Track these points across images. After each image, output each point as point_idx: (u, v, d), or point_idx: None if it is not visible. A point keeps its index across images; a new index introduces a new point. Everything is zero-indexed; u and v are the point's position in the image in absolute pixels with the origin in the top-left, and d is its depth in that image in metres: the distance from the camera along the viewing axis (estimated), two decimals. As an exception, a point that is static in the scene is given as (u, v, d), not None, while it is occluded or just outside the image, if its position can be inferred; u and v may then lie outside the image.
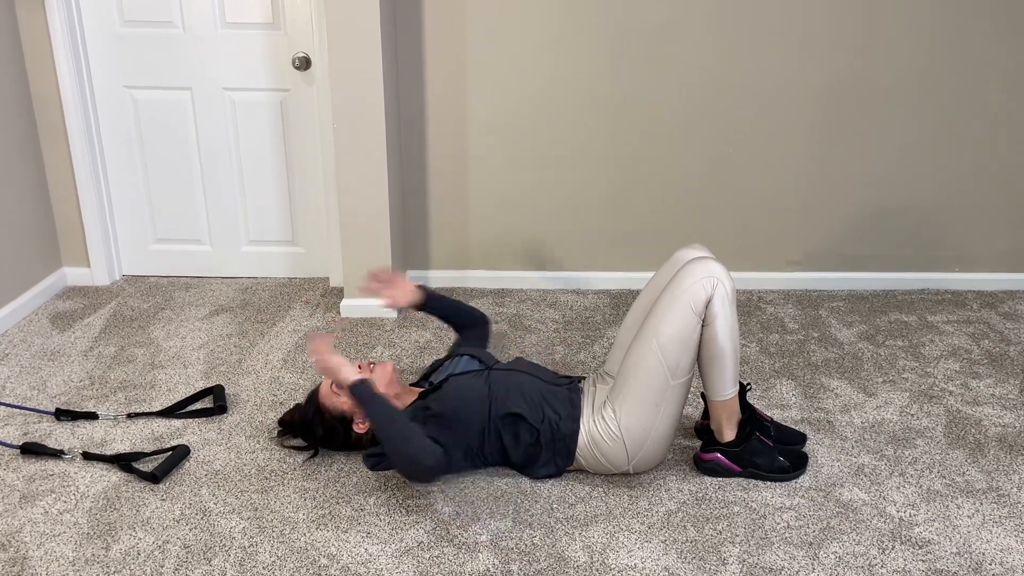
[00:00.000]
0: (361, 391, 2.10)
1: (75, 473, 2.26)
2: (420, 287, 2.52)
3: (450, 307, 2.59)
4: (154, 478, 2.22)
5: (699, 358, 2.17)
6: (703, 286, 2.10)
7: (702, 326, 2.12)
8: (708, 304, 2.10)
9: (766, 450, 2.23)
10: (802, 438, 2.38)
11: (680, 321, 2.11)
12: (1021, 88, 3.24)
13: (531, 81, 3.26)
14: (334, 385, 2.23)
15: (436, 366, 2.50)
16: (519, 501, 2.16)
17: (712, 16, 3.16)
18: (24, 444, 2.34)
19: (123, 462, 2.29)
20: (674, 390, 2.13)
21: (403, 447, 2.03)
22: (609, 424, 2.16)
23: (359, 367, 2.27)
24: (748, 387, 2.34)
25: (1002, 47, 3.18)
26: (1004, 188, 3.38)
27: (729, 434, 2.23)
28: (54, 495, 2.18)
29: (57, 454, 2.33)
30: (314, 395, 2.31)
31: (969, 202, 3.40)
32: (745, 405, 2.27)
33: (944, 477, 2.25)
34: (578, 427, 2.18)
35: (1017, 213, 3.41)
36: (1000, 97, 3.25)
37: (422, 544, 2.01)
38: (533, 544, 2.01)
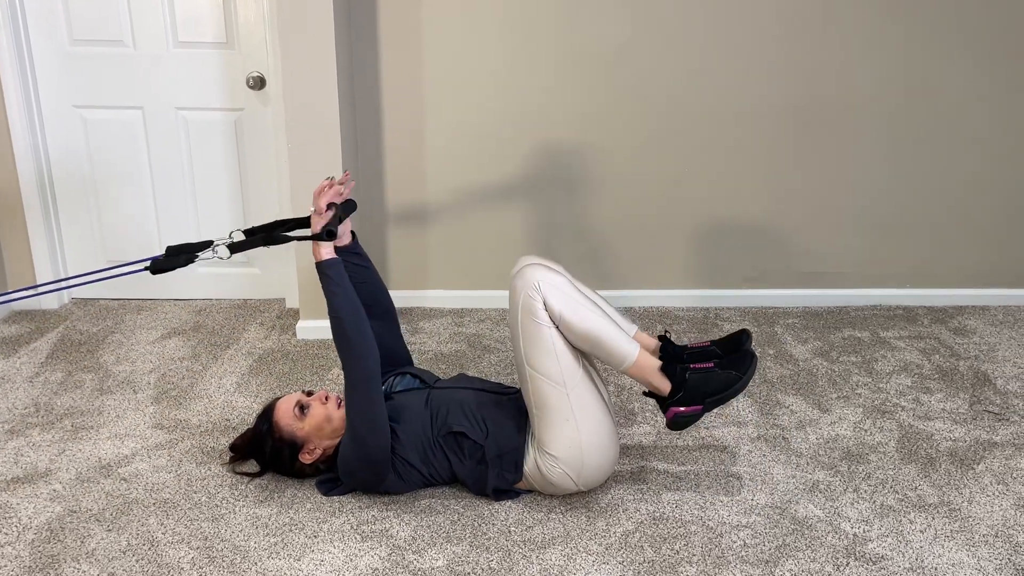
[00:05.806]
0: (327, 270, 2.11)
1: (17, 505, 2.19)
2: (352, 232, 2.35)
3: (364, 275, 2.36)
4: (330, 235, 2.13)
5: (579, 350, 2.13)
6: (530, 296, 2.07)
7: (556, 329, 2.10)
8: (546, 308, 2.08)
9: (706, 375, 2.12)
10: (746, 336, 2.23)
11: (536, 338, 2.09)
12: (971, 107, 3.32)
13: (488, 101, 3.27)
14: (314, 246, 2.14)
15: None
16: (476, 524, 2.13)
17: (668, 38, 3.20)
18: (152, 267, 2.19)
19: (270, 238, 2.26)
20: (577, 398, 2.11)
21: (358, 340, 2.09)
22: (545, 456, 2.15)
23: (325, 397, 2.23)
24: (667, 334, 2.28)
25: (953, 67, 3.26)
26: (953, 206, 3.45)
27: (664, 386, 2.14)
28: (-6, 528, 2.10)
29: (191, 258, 2.22)
30: (270, 409, 2.25)
31: (920, 220, 3.47)
32: (662, 351, 2.22)
33: (897, 492, 2.28)
34: (525, 439, 2.17)
35: (966, 230, 3.49)
36: (951, 116, 3.33)
37: (377, 571, 1.97)
38: (490, 568, 1.98)
